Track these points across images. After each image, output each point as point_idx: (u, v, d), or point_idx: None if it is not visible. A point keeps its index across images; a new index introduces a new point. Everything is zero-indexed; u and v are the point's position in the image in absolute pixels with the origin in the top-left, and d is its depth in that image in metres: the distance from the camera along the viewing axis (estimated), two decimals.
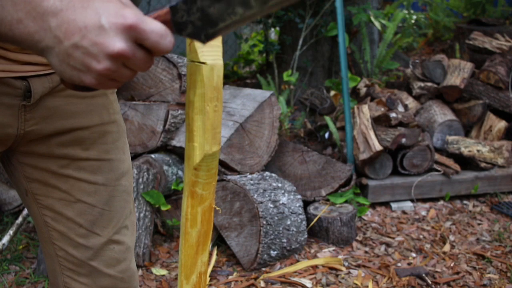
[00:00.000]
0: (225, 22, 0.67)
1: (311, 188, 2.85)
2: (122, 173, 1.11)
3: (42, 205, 1.06)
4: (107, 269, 1.10)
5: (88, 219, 1.07)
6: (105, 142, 1.07)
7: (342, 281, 2.36)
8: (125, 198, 1.13)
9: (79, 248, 1.08)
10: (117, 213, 1.11)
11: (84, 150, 1.04)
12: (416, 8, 7.25)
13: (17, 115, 0.96)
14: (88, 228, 1.07)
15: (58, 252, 1.09)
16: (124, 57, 0.65)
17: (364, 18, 3.83)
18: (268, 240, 2.40)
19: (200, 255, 0.79)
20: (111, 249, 1.10)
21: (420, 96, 3.59)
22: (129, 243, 1.15)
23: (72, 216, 1.06)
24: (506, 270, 2.46)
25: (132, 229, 1.17)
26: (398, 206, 3.06)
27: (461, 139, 3.25)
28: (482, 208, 3.10)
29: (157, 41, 0.66)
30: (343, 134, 3.20)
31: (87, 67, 0.66)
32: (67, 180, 1.04)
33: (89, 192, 1.06)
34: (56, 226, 1.07)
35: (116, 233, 1.11)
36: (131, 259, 1.16)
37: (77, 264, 1.09)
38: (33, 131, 0.99)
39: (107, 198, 1.08)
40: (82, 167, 1.05)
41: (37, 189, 1.05)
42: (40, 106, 0.98)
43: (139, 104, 2.76)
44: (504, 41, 3.86)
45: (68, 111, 1.01)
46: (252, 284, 2.32)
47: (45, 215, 1.07)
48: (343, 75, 3.11)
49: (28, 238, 2.66)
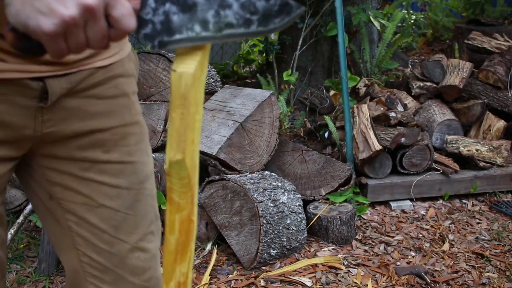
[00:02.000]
0: (181, 35, 0.70)
1: (311, 187, 2.86)
2: (146, 176, 1.08)
3: (65, 210, 1.03)
4: (132, 278, 1.07)
5: (112, 224, 1.03)
6: (127, 144, 1.03)
7: (341, 280, 2.37)
8: (150, 203, 1.09)
9: (104, 254, 1.04)
10: (142, 218, 1.07)
11: (104, 152, 1.01)
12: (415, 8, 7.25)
13: (33, 116, 0.93)
14: (112, 234, 1.04)
15: (82, 258, 1.05)
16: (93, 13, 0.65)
17: (364, 18, 3.84)
18: (268, 239, 2.41)
19: (179, 264, 0.77)
20: (137, 257, 1.07)
21: (419, 96, 3.60)
22: (154, 250, 1.11)
23: (95, 222, 1.02)
24: (505, 269, 2.47)
25: (157, 235, 1.12)
26: (397, 205, 3.07)
27: (460, 138, 3.26)
28: (481, 207, 3.11)
29: (124, 15, 0.67)
30: (343, 134, 3.21)
31: (53, 10, 0.64)
32: (89, 184, 1.01)
33: (111, 196, 1.02)
34: (80, 231, 1.03)
35: (141, 240, 1.07)
36: (156, 268, 1.12)
37: (101, 270, 1.05)
38: (51, 133, 0.96)
39: (131, 202, 1.05)
40: (104, 170, 1.01)
41: (59, 193, 1.02)
42: (58, 107, 0.94)
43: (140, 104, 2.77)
44: (503, 41, 3.88)
45: (87, 112, 0.98)
46: (252, 283, 2.33)
47: (69, 220, 1.03)
48: (343, 75, 3.12)
49: (29, 237, 2.67)
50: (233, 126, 2.72)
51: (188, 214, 0.76)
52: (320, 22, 4.10)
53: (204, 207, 2.57)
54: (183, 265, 0.78)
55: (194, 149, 0.74)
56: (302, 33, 4.05)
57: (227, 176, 2.54)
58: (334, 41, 4.25)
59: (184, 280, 0.78)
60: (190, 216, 0.76)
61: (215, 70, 3.36)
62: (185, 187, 0.75)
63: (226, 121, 2.77)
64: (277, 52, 4.31)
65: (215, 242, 2.60)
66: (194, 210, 0.77)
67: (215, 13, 0.69)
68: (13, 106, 0.90)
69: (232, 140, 2.68)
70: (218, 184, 2.53)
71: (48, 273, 2.37)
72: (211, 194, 2.54)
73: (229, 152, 2.67)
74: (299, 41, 4.08)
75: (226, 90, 3.06)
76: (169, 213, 0.76)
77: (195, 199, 0.76)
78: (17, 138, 0.94)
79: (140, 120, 1.08)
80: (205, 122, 2.84)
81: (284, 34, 4.37)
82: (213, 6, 0.69)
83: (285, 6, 0.71)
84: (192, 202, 0.76)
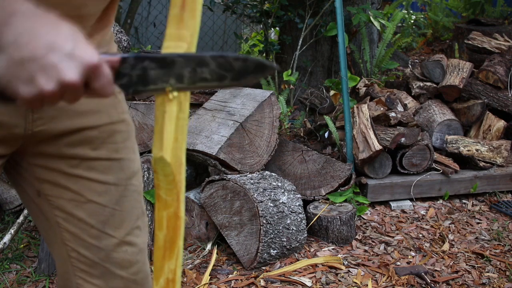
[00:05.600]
0: (155, 86, 0.72)
1: (311, 187, 2.86)
2: (133, 173, 1.11)
3: (54, 206, 1.06)
4: (120, 271, 1.10)
5: (100, 219, 1.06)
6: (114, 142, 1.07)
7: (341, 280, 2.37)
8: (136, 198, 1.12)
9: (92, 249, 1.07)
10: (129, 213, 1.10)
11: (93, 149, 1.04)
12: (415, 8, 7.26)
13: (24, 115, 0.95)
14: (99, 229, 1.07)
15: (70, 253, 1.08)
16: (72, 89, 0.67)
17: (364, 18, 3.84)
18: (268, 239, 2.41)
19: (167, 261, 0.78)
20: (124, 251, 1.10)
21: (419, 96, 3.60)
22: (141, 244, 1.14)
23: (83, 217, 1.05)
24: (505, 269, 2.48)
25: (144, 230, 1.16)
26: (397, 205, 3.07)
27: (460, 138, 3.26)
28: (481, 207, 3.11)
29: (105, 85, 0.69)
30: (343, 134, 3.21)
31: (34, 82, 0.65)
32: (78, 180, 1.04)
33: (99, 192, 1.05)
34: (68, 227, 1.06)
35: (128, 234, 1.10)
36: (143, 261, 1.15)
37: (89, 265, 1.08)
38: (41, 131, 0.98)
39: (118, 198, 1.08)
40: (92, 166, 1.04)
41: (48, 189, 1.05)
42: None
43: (140, 104, 2.77)
44: (503, 41, 3.88)
45: (76, 110, 1.00)
46: (252, 283, 2.33)
47: (57, 216, 1.06)
48: (343, 75, 3.12)
49: (29, 237, 2.67)
50: (233, 126, 2.72)
51: (174, 211, 0.77)
52: (320, 22, 4.10)
53: (204, 207, 2.57)
54: (171, 262, 0.79)
55: (177, 147, 0.75)
56: (302, 33, 4.06)
57: (227, 176, 2.54)
58: (334, 41, 4.25)
59: (173, 277, 0.80)
60: (177, 213, 0.78)
61: None
62: (171, 184, 0.76)
63: (226, 121, 2.77)
64: (277, 52, 4.31)
65: (215, 242, 2.60)
66: (180, 206, 0.78)
67: (191, 70, 0.72)
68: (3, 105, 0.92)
69: (232, 140, 2.68)
70: (218, 184, 2.53)
71: (48, 273, 2.37)
72: (211, 194, 2.54)
73: (229, 152, 2.67)
74: (299, 41, 4.08)
75: (226, 90, 3.06)
76: (157, 210, 0.78)
77: (181, 196, 0.78)
78: (8, 136, 0.96)
79: (127, 119, 1.11)
80: (205, 122, 2.84)
81: (284, 34, 4.37)
82: (191, 64, 0.72)
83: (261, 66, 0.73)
84: (178, 199, 0.77)
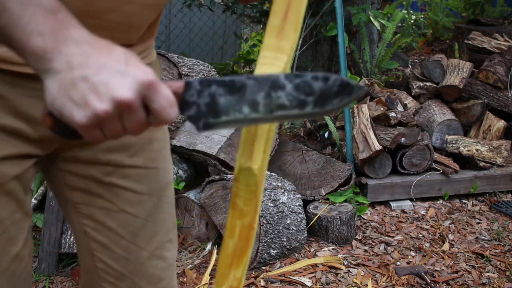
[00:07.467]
0: (228, 117, 0.66)
1: (311, 187, 2.86)
2: (167, 183, 1.07)
3: (82, 214, 1.02)
4: (148, 286, 1.06)
5: (131, 230, 1.02)
6: (152, 149, 1.03)
7: (341, 280, 2.37)
8: (169, 210, 1.08)
9: (120, 261, 1.03)
10: (161, 225, 1.06)
11: (129, 156, 1.00)
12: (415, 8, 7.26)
13: None
14: (130, 241, 1.02)
15: (97, 264, 1.04)
16: (128, 108, 0.63)
17: (364, 18, 3.84)
18: (268, 239, 2.41)
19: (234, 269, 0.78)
20: (154, 266, 1.06)
21: (419, 96, 3.60)
22: (171, 259, 1.10)
23: (114, 227, 1.01)
24: (505, 269, 2.48)
25: (175, 243, 1.11)
26: (397, 205, 3.07)
27: (460, 138, 3.26)
28: (481, 207, 3.11)
29: (164, 107, 0.64)
30: (343, 134, 3.21)
31: (87, 103, 0.62)
32: (111, 188, 1.00)
33: (132, 202, 1.01)
34: (97, 236, 1.02)
35: (159, 248, 1.06)
36: (172, 277, 1.11)
37: (117, 277, 1.04)
38: None
39: (151, 209, 1.04)
40: (127, 174, 1.00)
41: (78, 197, 1.01)
42: None
43: None
44: (503, 41, 3.88)
45: None
46: (252, 283, 2.33)
47: (84, 225, 1.02)
48: (343, 75, 3.12)
49: None
50: None
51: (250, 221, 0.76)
52: (320, 22, 4.10)
53: (204, 207, 2.57)
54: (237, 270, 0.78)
55: (264, 158, 0.74)
56: (302, 33, 4.06)
57: (227, 176, 2.54)
58: (334, 41, 4.25)
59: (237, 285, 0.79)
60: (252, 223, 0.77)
61: (215, 70, 3.36)
62: (251, 194, 0.74)
63: None
64: None
65: (215, 242, 2.60)
66: (256, 217, 0.77)
67: (265, 94, 0.65)
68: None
69: (232, 140, 2.68)
70: (218, 184, 2.53)
71: (48, 273, 2.37)
72: (211, 194, 2.54)
73: (229, 152, 2.67)
74: (299, 41, 4.08)
75: None
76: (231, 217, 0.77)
77: (258, 207, 0.77)
78: (46, 136, 0.92)
79: (164, 127, 1.07)
80: None
81: None
82: (264, 88, 0.65)
83: (345, 87, 0.64)
84: (255, 209, 0.76)
